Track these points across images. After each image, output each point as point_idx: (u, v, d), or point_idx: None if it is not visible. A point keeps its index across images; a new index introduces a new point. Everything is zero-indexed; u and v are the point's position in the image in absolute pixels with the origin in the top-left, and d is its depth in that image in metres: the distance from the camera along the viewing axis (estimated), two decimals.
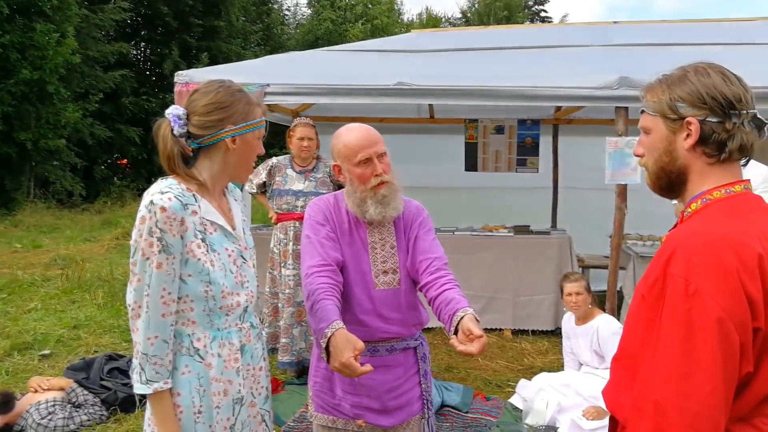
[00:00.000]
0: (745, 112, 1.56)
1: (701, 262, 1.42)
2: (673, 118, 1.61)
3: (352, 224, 2.67)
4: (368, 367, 2.18)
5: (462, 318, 2.30)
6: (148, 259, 1.98)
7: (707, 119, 1.57)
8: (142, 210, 2.00)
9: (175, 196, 2.02)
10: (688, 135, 1.59)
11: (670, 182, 1.68)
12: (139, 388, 2.01)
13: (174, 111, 2.12)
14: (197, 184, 2.13)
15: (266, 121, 2.26)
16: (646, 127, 1.71)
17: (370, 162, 2.55)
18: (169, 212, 1.98)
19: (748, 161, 1.63)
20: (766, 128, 1.61)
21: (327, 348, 2.27)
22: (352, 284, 2.61)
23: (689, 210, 1.64)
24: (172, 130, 2.11)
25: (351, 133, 2.60)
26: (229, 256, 2.17)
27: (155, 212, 1.98)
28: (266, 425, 2.33)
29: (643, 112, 1.72)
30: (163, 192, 2.02)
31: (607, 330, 4.68)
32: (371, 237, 2.66)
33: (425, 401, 2.75)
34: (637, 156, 1.76)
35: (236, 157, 2.17)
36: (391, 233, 2.69)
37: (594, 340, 4.76)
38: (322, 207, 2.70)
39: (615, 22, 9.16)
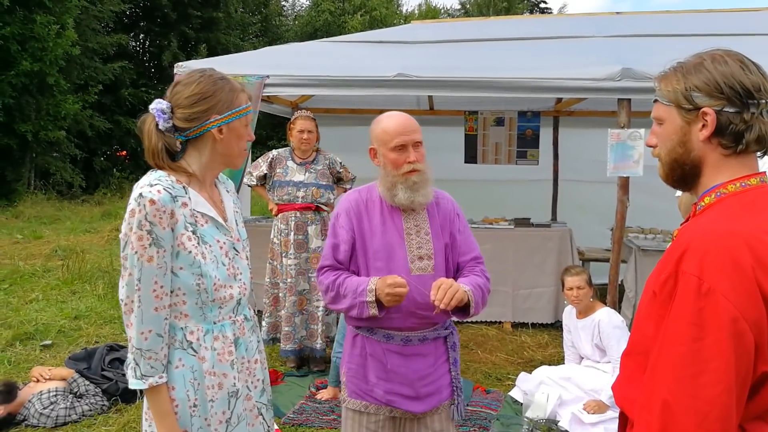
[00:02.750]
0: (764, 101, 1.49)
1: (715, 260, 1.37)
2: (688, 108, 1.54)
3: (386, 213, 2.75)
4: (403, 280, 2.52)
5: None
6: (138, 252, 1.95)
7: (724, 109, 1.50)
8: (132, 203, 1.97)
9: (164, 189, 1.99)
10: (703, 126, 1.53)
11: (683, 174, 1.61)
12: (134, 384, 1.99)
13: (158, 105, 2.08)
14: (187, 176, 2.11)
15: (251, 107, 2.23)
16: (660, 117, 1.63)
17: (404, 149, 2.65)
18: (158, 205, 1.95)
19: (765, 153, 1.57)
20: None
21: (377, 301, 2.56)
22: (388, 271, 2.67)
23: (702, 204, 1.58)
24: (157, 125, 2.07)
25: (391, 119, 2.71)
26: (221, 248, 2.15)
27: (144, 205, 1.95)
28: (263, 418, 2.30)
29: (656, 101, 1.64)
30: (152, 184, 1.99)
31: (608, 324, 4.66)
32: (406, 224, 2.74)
33: (455, 387, 2.81)
34: (650, 146, 1.69)
35: (225, 146, 2.14)
36: (425, 220, 2.78)
37: (595, 333, 4.75)
38: (347, 206, 2.81)
39: (617, 13, 9.11)
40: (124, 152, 24.83)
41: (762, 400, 1.42)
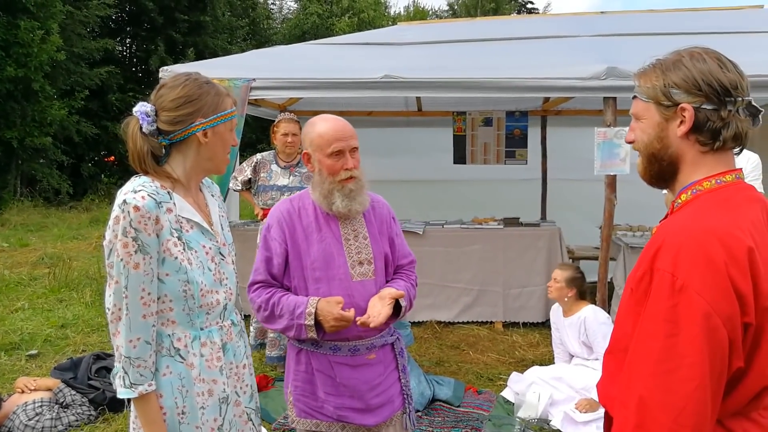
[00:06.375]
0: (740, 99, 1.52)
1: (688, 256, 1.39)
2: (667, 104, 1.57)
3: (321, 220, 2.67)
4: (352, 310, 2.47)
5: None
6: (123, 260, 1.93)
7: (702, 106, 1.53)
8: (116, 210, 1.96)
9: (148, 195, 1.98)
10: (681, 122, 1.56)
11: (661, 170, 1.64)
12: (123, 393, 1.97)
13: (142, 108, 2.07)
14: (171, 181, 2.10)
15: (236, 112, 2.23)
16: (638, 113, 1.66)
17: (342, 155, 2.58)
18: (143, 211, 1.94)
19: (741, 150, 1.60)
20: (760, 116, 1.57)
21: (316, 323, 2.48)
22: (327, 280, 2.61)
23: (679, 201, 1.61)
24: (141, 128, 2.06)
25: (326, 124, 2.61)
26: (207, 253, 2.13)
27: (129, 211, 1.93)
28: (252, 424, 2.31)
29: (635, 97, 1.67)
30: (136, 190, 1.98)
31: (594, 321, 4.72)
32: (344, 229, 2.68)
33: (405, 396, 2.76)
34: (629, 143, 1.72)
35: (209, 150, 2.13)
36: (362, 225, 2.72)
37: (582, 331, 4.77)
38: (279, 216, 2.71)
39: (602, 13, 9.15)
40: (112, 158, 24.73)
41: (739, 396, 1.45)
